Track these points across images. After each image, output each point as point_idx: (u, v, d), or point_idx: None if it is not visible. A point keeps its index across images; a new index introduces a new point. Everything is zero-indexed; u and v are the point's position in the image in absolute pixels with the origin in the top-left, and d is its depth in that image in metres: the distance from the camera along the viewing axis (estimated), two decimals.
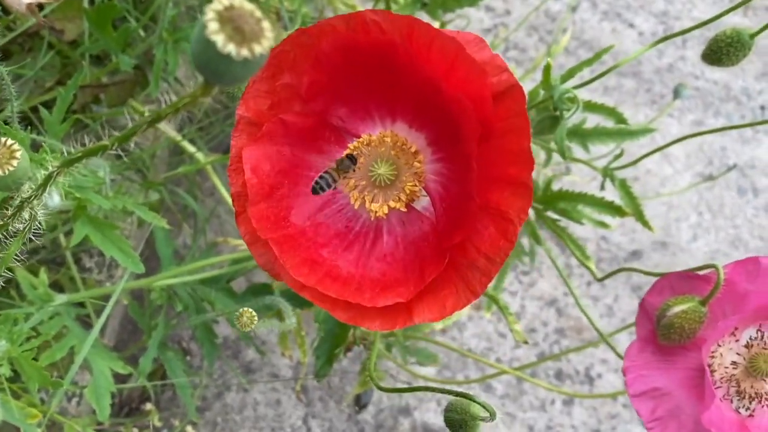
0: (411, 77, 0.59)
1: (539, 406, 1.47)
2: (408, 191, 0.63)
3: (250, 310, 0.78)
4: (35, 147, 0.86)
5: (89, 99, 1.14)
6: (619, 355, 0.94)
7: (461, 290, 0.59)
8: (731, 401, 0.76)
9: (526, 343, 0.92)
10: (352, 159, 0.63)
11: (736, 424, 0.74)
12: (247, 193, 0.62)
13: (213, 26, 0.31)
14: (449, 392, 0.64)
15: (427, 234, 0.63)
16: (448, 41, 0.56)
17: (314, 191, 0.63)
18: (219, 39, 0.30)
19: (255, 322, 0.78)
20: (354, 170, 0.64)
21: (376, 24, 0.57)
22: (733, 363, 0.76)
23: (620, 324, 1.55)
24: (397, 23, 0.57)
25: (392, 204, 0.64)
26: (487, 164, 0.57)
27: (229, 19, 0.31)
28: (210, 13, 0.31)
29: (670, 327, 0.72)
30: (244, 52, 0.31)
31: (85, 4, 1.08)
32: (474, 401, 0.63)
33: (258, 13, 0.32)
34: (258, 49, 0.31)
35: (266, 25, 0.31)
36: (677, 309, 0.72)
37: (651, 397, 0.76)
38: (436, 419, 1.45)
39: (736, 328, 0.75)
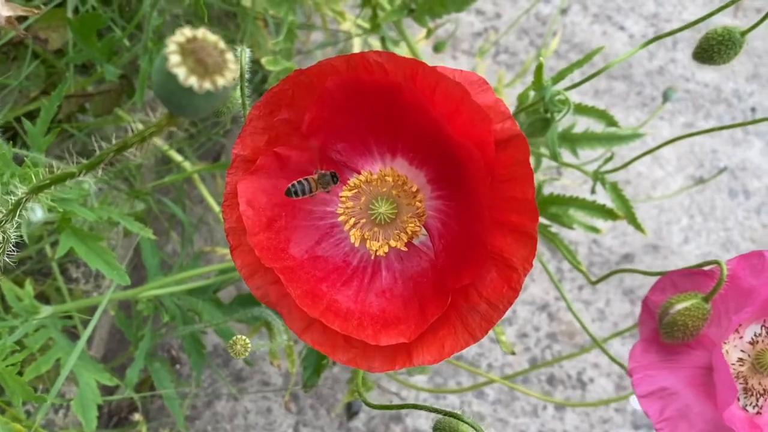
0: (413, 117, 0.59)
1: (531, 411, 1.47)
2: (410, 231, 0.64)
3: (244, 337, 0.77)
4: (18, 160, 0.85)
5: (75, 109, 1.13)
6: (613, 359, 0.93)
7: (460, 332, 0.59)
8: (738, 399, 0.75)
9: (513, 354, 0.92)
10: (334, 177, 0.63)
11: (745, 422, 0.73)
12: (243, 227, 0.62)
13: (174, 59, 0.30)
14: (437, 411, 0.63)
15: (425, 270, 0.64)
16: (453, 86, 0.55)
17: (287, 193, 0.63)
18: (180, 72, 0.30)
19: (249, 350, 0.77)
20: (331, 188, 0.64)
21: (379, 65, 0.57)
22: (740, 360, 0.75)
23: (612, 327, 1.55)
24: (401, 65, 0.57)
25: (393, 243, 0.64)
26: (488, 209, 0.57)
27: (191, 51, 0.30)
28: (171, 46, 0.30)
29: (674, 325, 0.72)
30: (207, 85, 0.30)
31: (69, 13, 1.07)
32: (462, 420, 0.63)
33: (221, 45, 0.31)
34: (221, 81, 0.30)
35: (229, 57, 0.31)
36: (680, 306, 0.72)
37: (659, 398, 0.75)
38: (428, 425, 1.44)
39: (739, 325, 0.75)
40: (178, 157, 1.07)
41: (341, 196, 0.65)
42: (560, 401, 1.35)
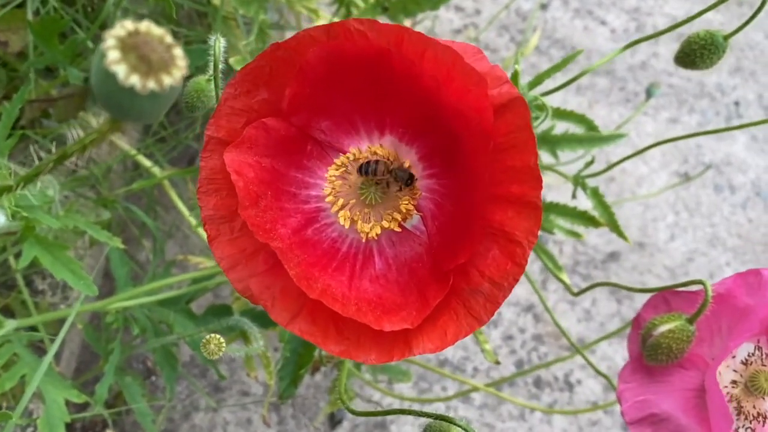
0: (401, 88, 0.56)
1: (519, 415, 1.43)
2: (403, 210, 0.60)
3: (218, 336, 0.73)
4: None
5: (38, 114, 1.08)
6: (596, 371, 0.90)
7: (463, 317, 0.55)
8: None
9: (497, 363, 0.88)
10: (410, 179, 0.59)
11: None
12: (222, 215, 0.58)
13: (113, 55, 0.26)
14: (427, 415, 0.60)
15: (420, 255, 0.60)
16: (442, 50, 0.52)
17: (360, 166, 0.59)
18: (120, 70, 0.26)
19: (223, 350, 0.74)
20: (401, 186, 0.60)
21: (361, 33, 0.53)
22: (733, 382, 0.72)
23: (599, 327, 1.52)
24: (385, 32, 0.53)
25: (385, 224, 0.60)
26: (487, 182, 0.53)
27: (133, 46, 0.26)
28: (110, 40, 0.26)
29: (657, 347, 0.69)
30: (151, 85, 0.26)
31: (29, 15, 1.02)
32: (453, 423, 0.59)
33: (168, 39, 0.27)
34: (168, 80, 0.26)
35: (178, 52, 0.26)
36: (664, 328, 0.69)
37: (650, 423, 0.71)
38: None
39: (738, 347, 0.72)
40: (146, 162, 1.03)
41: (328, 176, 0.61)
42: (545, 409, 1.32)
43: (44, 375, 0.92)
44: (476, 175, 0.53)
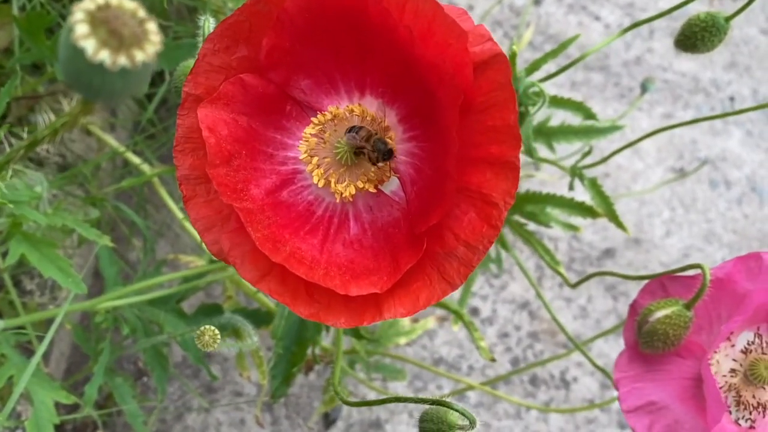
0: (382, 43, 0.54)
1: (514, 413, 1.42)
2: (378, 171, 0.58)
3: (212, 328, 0.72)
4: None
5: (25, 111, 1.07)
6: (594, 364, 0.88)
7: (436, 281, 0.54)
8: (730, 412, 0.70)
9: (493, 360, 0.87)
10: (388, 154, 0.58)
11: None
12: (198, 175, 0.57)
13: (81, 29, 0.24)
14: (424, 401, 0.59)
15: (397, 220, 0.58)
16: (424, 1, 0.50)
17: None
18: (89, 45, 0.24)
19: (218, 341, 0.72)
20: (381, 163, 0.58)
21: None
22: (732, 371, 0.70)
23: (595, 324, 1.51)
24: None
25: (360, 185, 0.58)
26: (466, 143, 0.52)
27: (103, 20, 0.25)
28: (78, 14, 0.25)
29: (654, 334, 0.67)
30: (122, 61, 0.24)
31: (15, 10, 1.00)
32: (451, 408, 0.58)
33: (141, 13, 0.26)
34: (140, 56, 0.25)
35: (151, 27, 0.25)
36: (660, 314, 0.67)
37: (647, 412, 0.70)
38: (409, 431, 1.39)
39: (731, 332, 0.70)
40: (135, 160, 1.01)
41: (304, 134, 0.59)
42: (542, 407, 1.31)
43: (32, 376, 0.90)
44: (451, 136, 0.52)
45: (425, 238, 0.54)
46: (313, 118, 0.59)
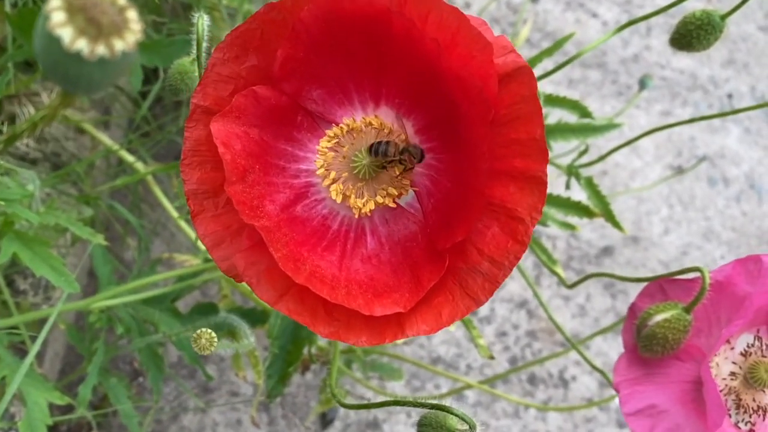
0: (401, 54, 0.52)
1: (513, 413, 1.41)
2: (399, 185, 0.57)
3: (209, 331, 0.71)
4: None
5: (18, 110, 1.06)
6: (591, 365, 0.88)
7: (459, 297, 0.52)
8: (730, 415, 0.69)
9: (492, 358, 0.86)
10: (421, 155, 0.56)
11: None
12: (206, 189, 0.55)
13: (58, 17, 0.23)
14: (422, 405, 0.58)
15: (414, 234, 0.57)
16: (448, 12, 0.49)
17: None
18: (65, 33, 0.23)
19: (215, 345, 0.71)
20: (412, 166, 0.57)
21: None
22: (732, 374, 0.69)
23: (593, 323, 1.50)
24: None
25: (379, 200, 0.57)
26: (487, 156, 0.50)
27: (80, 8, 0.24)
28: (54, 1, 0.24)
29: (653, 338, 0.66)
30: (101, 50, 0.24)
31: (7, 7, 0.99)
32: (451, 413, 0.57)
33: (121, 1, 0.25)
34: (120, 45, 0.24)
35: (131, 15, 0.24)
36: (659, 318, 0.66)
37: (648, 416, 0.69)
38: (407, 431, 1.39)
39: (731, 336, 0.69)
40: (129, 158, 1.00)
41: (320, 148, 0.57)
42: (540, 406, 1.30)
43: (25, 376, 0.89)
44: (476, 149, 0.50)
45: (447, 254, 0.53)
46: (328, 131, 0.58)
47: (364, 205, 0.57)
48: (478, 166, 0.50)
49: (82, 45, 0.24)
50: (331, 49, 0.54)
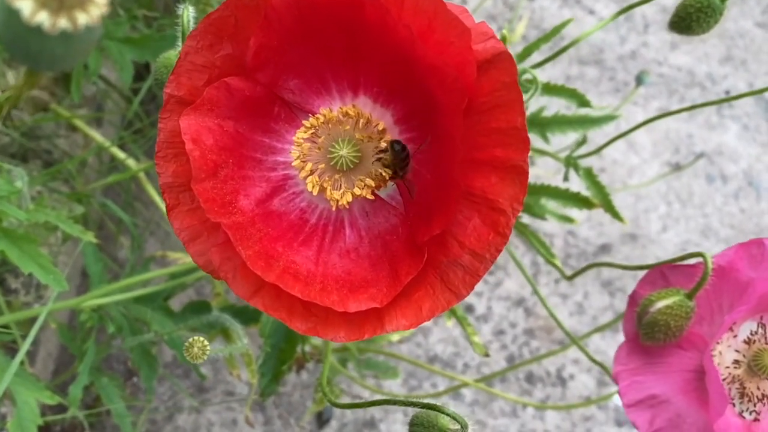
0: (378, 41, 0.51)
1: (510, 411, 1.40)
2: (376, 176, 0.55)
3: (202, 339, 0.69)
4: None
5: (8, 108, 1.05)
6: (591, 359, 0.86)
7: (440, 291, 0.51)
8: (734, 404, 0.68)
9: (487, 356, 0.85)
10: (404, 152, 0.54)
11: (742, 430, 0.66)
12: (181, 182, 0.54)
13: None
14: (414, 404, 0.57)
15: (395, 227, 0.55)
16: None
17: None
18: (25, 6, 0.23)
19: (207, 353, 0.70)
20: (404, 172, 0.55)
21: None
22: (735, 362, 0.68)
23: (591, 321, 1.49)
24: None
25: (357, 191, 0.55)
26: (467, 145, 0.49)
27: None
28: None
29: (654, 325, 0.65)
30: (62, 24, 0.23)
31: None
32: (442, 412, 0.56)
33: None
34: (83, 19, 0.23)
35: None
36: (661, 304, 0.64)
37: (648, 406, 0.67)
38: (404, 431, 1.37)
39: (734, 323, 0.68)
40: (121, 155, 0.99)
41: (296, 139, 0.56)
42: (538, 404, 1.29)
43: (15, 376, 0.88)
44: (453, 139, 0.49)
45: (426, 247, 0.51)
46: (304, 122, 0.56)
47: (341, 197, 0.55)
48: (456, 157, 0.49)
49: (42, 18, 0.23)
50: (305, 37, 0.53)
